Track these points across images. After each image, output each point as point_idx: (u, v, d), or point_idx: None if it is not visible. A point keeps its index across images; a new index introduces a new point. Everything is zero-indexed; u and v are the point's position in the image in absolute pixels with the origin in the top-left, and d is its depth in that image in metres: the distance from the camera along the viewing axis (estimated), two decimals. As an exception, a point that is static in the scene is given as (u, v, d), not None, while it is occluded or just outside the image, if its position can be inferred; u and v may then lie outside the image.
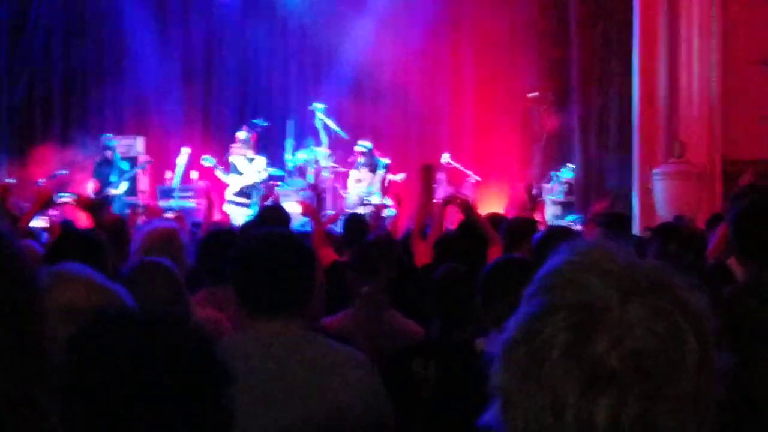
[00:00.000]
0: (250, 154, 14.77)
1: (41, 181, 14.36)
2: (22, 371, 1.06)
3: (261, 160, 14.80)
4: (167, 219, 7.85)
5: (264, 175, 14.74)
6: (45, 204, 6.44)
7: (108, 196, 14.30)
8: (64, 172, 14.76)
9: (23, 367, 1.07)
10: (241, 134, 14.86)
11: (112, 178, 14.62)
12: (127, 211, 11.99)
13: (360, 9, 16.81)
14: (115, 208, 13.88)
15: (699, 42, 13.33)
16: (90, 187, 14.51)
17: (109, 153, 14.82)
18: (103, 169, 14.71)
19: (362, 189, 14.79)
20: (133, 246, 4.75)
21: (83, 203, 7.89)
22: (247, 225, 6.60)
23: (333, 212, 13.60)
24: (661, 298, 1.23)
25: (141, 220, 8.55)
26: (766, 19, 13.27)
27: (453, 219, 8.84)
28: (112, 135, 15.34)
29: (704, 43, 13.31)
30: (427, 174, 6.24)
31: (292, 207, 12.62)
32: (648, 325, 1.20)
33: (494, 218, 7.13)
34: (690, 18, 13.37)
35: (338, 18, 16.89)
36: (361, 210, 13.85)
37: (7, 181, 13.22)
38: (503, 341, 1.28)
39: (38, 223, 9.36)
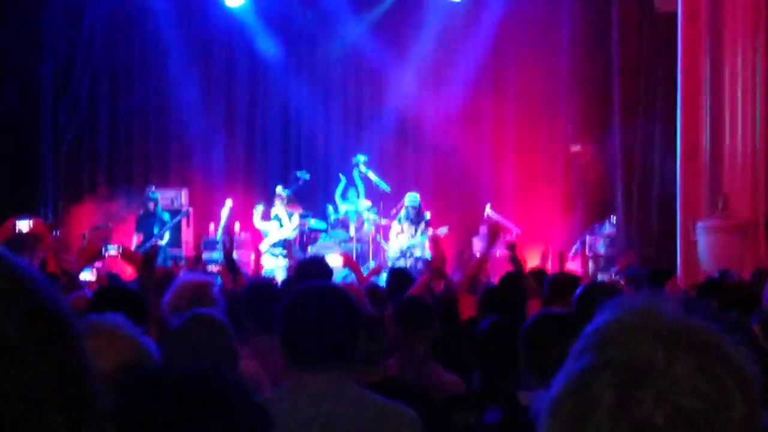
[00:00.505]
0: (289, 209, 14.88)
1: (86, 233, 14.51)
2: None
3: (296, 218, 14.92)
4: (203, 272, 7.89)
5: (295, 233, 14.86)
6: (92, 257, 6.51)
7: (155, 246, 14.38)
8: (108, 224, 14.90)
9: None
10: (282, 190, 14.99)
11: (155, 229, 14.73)
12: (171, 263, 12.07)
13: (403, 63, 16.95)
14: (158, 260, 13.96)
15: (742, 95, 13.28)
16: (134, 240, 14.63)
17: (151, 205, 14.92)
18: (146, 221, 14.82)
19: (404, 241, 14.80)
20: (165, 299, 4.73)
21: (128, 255, 7.96)
22: (290, 278, 6.61)
23: (374, 264, 13.63)
24: (708, 357, 1.22)
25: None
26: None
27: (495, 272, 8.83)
28: (155, 187, 15.49)
29: (748, 96, 13.26)
30: (494, 234, 6.27)
31: (334, 259, 12.69)
32: (694, 383, 1.20)
33: (536, 272, 7.12)
34: (734, 72, 13.34)
35: (382, 71, 17.05)
36: (402, 262, 13.89)
37: (54, 233, 13.37)
38: (550, 397, 1.28)
39: (85, 275, 9.46)
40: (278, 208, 14.90)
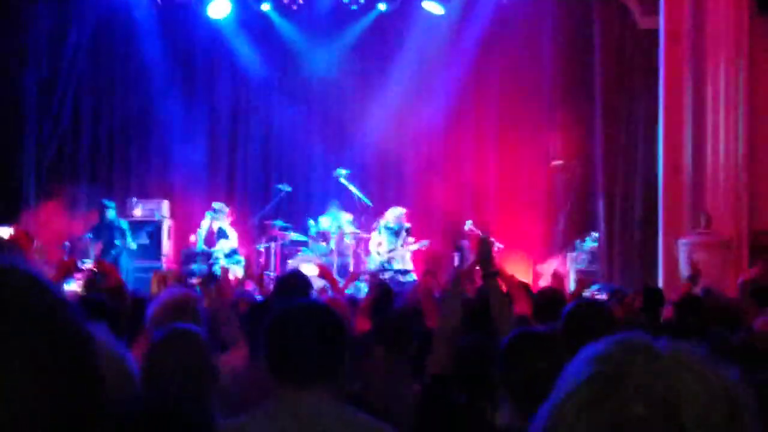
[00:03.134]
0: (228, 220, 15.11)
1: (67, 244, 14.42)
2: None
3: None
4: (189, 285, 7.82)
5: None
6: (68, 273, 6.49)
7: (115, 258, 14.29)
8: (89, 235, 14.81)
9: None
10: (218, 204, 15.20)
11: (116, 240, 14.65)
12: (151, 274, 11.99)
13: (385, 76, 16.95)
14: (123, 270, 13.83)
15: (725, 112, 13.32)
16: (91, 249, 14.51)
17: (105, 214, 14.83)
18: (103, 231, 14.71)
19: (383, 254, 14.79)
20: (149, 312, 4.68)
21: (104, 267, 7.91)
22: (270, 294, 6.56)
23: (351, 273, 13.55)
24: (689, 372, 1.22)
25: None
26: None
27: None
28: (135, 198, 15.56)
29: (730, 113, 13.30)
30: (484, 247, 6.23)
31: (309, 269, 12.73)
32: (677, 375, 1.20)
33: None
34: (716, 88, 13.38)
35: (363, 85, 17.03)
36: (386, 275, 13.88)
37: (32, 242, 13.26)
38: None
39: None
40: (221, 222, 15.08)
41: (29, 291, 1.13)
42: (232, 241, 15.16)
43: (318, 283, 10.50)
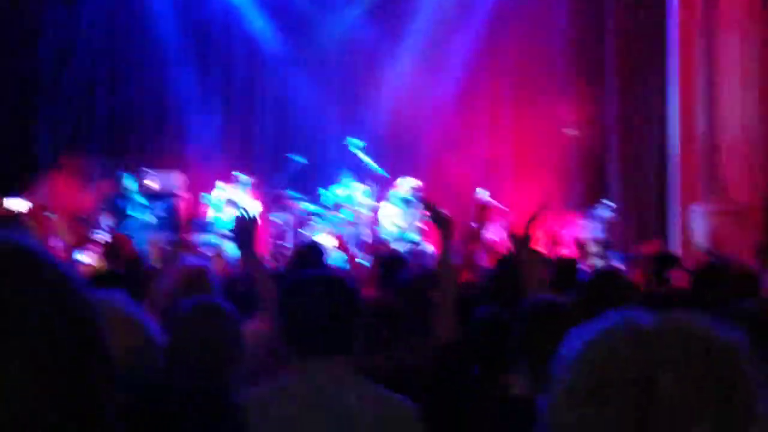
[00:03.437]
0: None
1: (83, 217, 14.45)
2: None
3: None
4: (200, 256, 7.83)
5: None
6: (82, 242, 6.54)
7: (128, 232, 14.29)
8: (104, 207, 14.82)
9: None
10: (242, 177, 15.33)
11: (131, 213, 14.65)
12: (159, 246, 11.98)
13: (398, 46, 16.92)
14: (138, 243, 13.82)
15: (739, 78, 13.24)
16: (104, 220, 14.51)
17: (121, 187, 14.83)
18: (118, 204, 14.71)
19: (395, 224, 14.77)
20: (163, 284, 4.69)
21: (120, 240, 7.94)
22: (289, 265, 6.58)
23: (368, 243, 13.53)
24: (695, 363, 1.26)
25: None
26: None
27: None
28: (149, 168, 15.57)
29: (744, 79, 13.21)
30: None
31: (328, 240, 12.70)
32: (660, 346, 1.26)
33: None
34: (729, 53, 13.29)
35: (377, 55, 17.00)
36: (398, 247, 13.85)
37: (47, 214, 13.32)
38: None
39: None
40: (239, 195, 15.04)
41: (30, 283, 1.12)
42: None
43: (335, 255, 10.56)
